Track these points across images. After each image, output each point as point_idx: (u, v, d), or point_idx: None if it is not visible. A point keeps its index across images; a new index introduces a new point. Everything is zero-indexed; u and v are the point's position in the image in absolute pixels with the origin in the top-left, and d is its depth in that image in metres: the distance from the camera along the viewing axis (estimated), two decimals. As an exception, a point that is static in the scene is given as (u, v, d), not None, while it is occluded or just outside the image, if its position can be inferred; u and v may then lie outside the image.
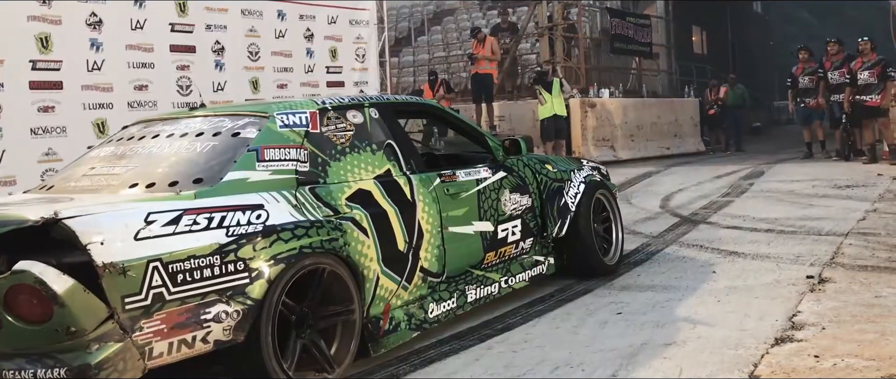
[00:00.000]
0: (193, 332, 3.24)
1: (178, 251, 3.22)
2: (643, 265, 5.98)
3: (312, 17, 10.89)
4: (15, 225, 3.10)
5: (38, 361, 3.00)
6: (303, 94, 10.55)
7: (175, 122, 4.28)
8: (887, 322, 4.16)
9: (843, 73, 12.95)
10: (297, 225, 3.66)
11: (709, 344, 3.98)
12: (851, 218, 7.34)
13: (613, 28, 16.99)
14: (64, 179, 4.11)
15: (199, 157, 3.84)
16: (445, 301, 4.49)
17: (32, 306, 2.96)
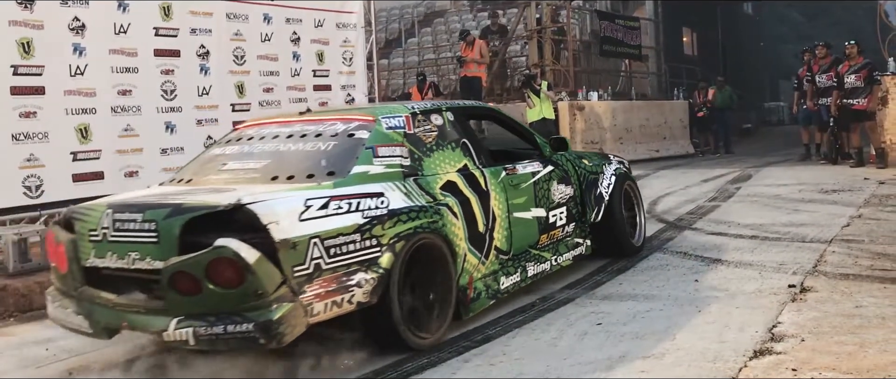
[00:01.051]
0: (342, 295, 3.98)
1: (331, 229, 3.97)
2: (626, 273, 5.97)
3: (299, 21, 10.81)
4: (207, 210, 3.85)
5: (226, 318, 3.72)
6: (289, 98, 10.49)
7: (289, 125, 5.03)
8: (867, 333, 4.15)
9: (830, 76, 12.97)
10: (410, 209, 4.44)
11: (687, 356, 3.96)
12: (836, 224, 7.34)
13: (603, 30, 16.98)
14: (197, 174, 4.81)
15: (327, 154, 4.59)
16: (512, 275, 5.24)
17: (229, 274, 3.69)
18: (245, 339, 3.72)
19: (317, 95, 10.93)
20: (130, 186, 8.46)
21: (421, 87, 13.94)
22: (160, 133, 8.88)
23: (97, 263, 4.12)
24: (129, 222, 4.00)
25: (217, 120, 9.50)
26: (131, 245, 3.97)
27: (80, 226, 4.23)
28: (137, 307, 3.97)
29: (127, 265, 3.99)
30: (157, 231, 3.89)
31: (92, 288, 4.16)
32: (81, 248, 4.18)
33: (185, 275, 3.75)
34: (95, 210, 4.21)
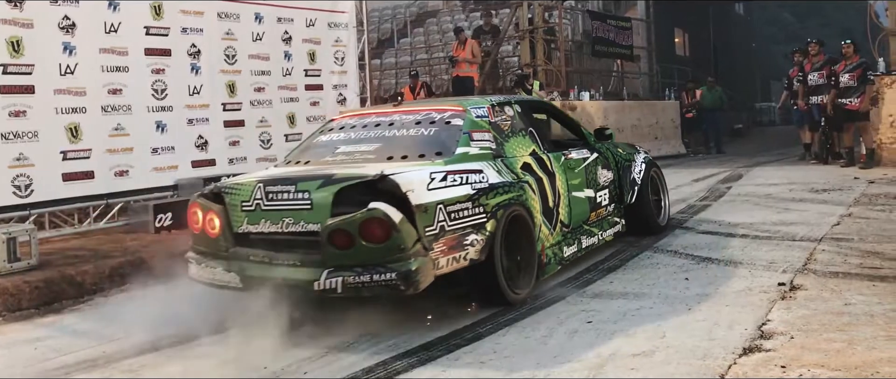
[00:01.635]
0: (460, 252, 4.73)
1: (450, 198, 4.77)
2: (617, 271, 5.98)
3: (290, 20, 10.80)
4: (357, 180, 4.67)
5: (372, 269, 4.45)
6: (280, 98, 10.48)
7: (386, 116, 5.85)
8: (855, 330, 4.16)
9: (822, 74, 12.99)
10: (503, 184, 5.22)
11: (677, 354, 3.97)
12: (826, 223, 7.37)
13: (594, 31, 17.01)
14: (313, 157, 5.60)
15: (431, 138, 5.44)
16: (571, 246, 6.03)
17: (378, 232, 4.44)
18: (387, 286, 4.45)
19: (308, 95, 10.94)
20: (121, 186, 8.47)
21: (413, 87, 13.92)
22: (151, 132, 8.87)
23: (250, 229, 4.91)
24: (282, 193, 4.80)
25: (208, 119, 9.51)
26: (285, 212, 4.76)
27: (231, 198, 5.00)
28: (291, 262, 4.69)
29: (280, 229, 4.79)
30: (311, 199, 4.69)
31: (243, 249, 4.91)
32: (233, 216, 4.96)
33: (342, 232, 4.49)
34: (246, 185, 4.99)
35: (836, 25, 29.20)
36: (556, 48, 16.48)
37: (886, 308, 4.52)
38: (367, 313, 5.07)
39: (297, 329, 4.72)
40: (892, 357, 3.72)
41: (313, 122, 10.94)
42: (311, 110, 10.97)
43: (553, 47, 16.41)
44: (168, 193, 8.91)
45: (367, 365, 4.10)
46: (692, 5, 23.17)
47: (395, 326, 4.74)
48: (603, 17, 17.65)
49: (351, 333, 4.70)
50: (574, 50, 17.70)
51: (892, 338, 4.01)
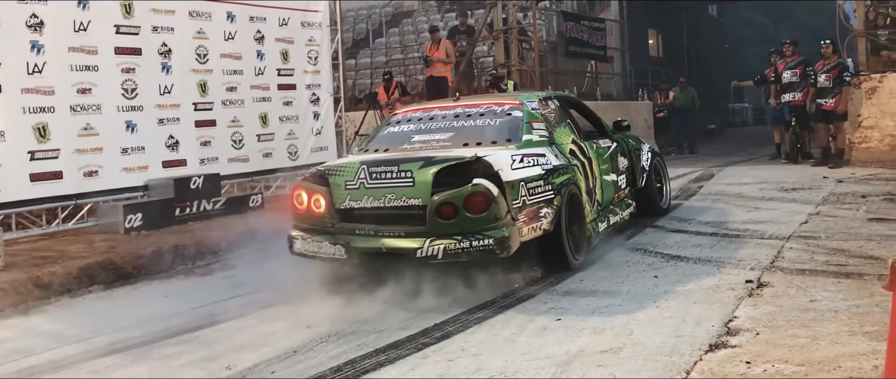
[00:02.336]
0: (536, 223, 5.52)
1: (529, 176, 5.57)
2: (588, 269, 6.00)
3: (263, 19, 10.73)
4: (456, 160, 5.41)
5: (472, 236, 5.16)
6: (253, 97, 10.41)
7: (451, 109, 6.60)
8: (819, 326, 4.21)
9: (796, 73, 13.11)
10: (561, 166, 6.05)
11: (644, 350, 3.99)
12: (794, 221, 7.45)
13: (568, 31, 17.06)
14: (390, 145, 6.25)
15: (499, 127, 6.22)
16: (603, 222, 6.76)
17: (479, 204, 5.17)
18: (485, 251, 5.17)
19: (281, 95, 10.87)
20: (90, 186, 8.37)
21: (387, 87, 13.87)
22: (121, 132, 8.77)
23: (353, 205, 5.52)
24: (386, 173, 5.47)
25: (179, 119, 9.42)
26: (388, 189, 5.41)
27: (336, 179, 5.62)
28: (396, 233, 5.34)
29: (383, 204, 5.42)
30: (413, 177, 5.35)
31: (348, 224, 5.51)
32: (336, 195, 5.56)
33: (449, 204, 5.19)
34: (350, 166, 5.65)
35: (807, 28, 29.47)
36: (530, 49, 16.51)
37: (850, 304, 4.57)
38: (337, 312, 5.08)
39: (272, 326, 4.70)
40: (855, 352, 3.77)
41: (286, 122, 10.90)
42: (284, 110, 10.91)
43: (527, 48, 16.45)
44: (138, 194, 8.82)
45: (336, 364, 4.08)
46: (666, 7, 23.33)
47: (365, 325, 4.74)
48: (576, 17, 17.71)
49: (320, 331, 4.68)
50: (548, 50, 17.74)
51: (855, 333, 4.06)
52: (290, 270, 6.24)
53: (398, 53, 19.46)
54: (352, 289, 5.74)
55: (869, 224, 7.18)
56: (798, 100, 13.05)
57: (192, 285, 6.43)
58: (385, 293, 5.40)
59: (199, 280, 6.64)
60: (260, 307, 5.38)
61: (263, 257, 7.25)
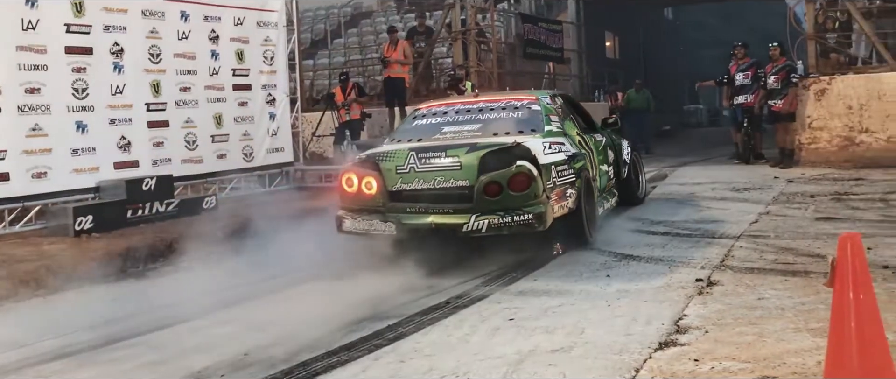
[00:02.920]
0: (563, 202, 6.26)
1: (556, 161, 6.32)
2: (541, 269, 6.04)
3: (218, 19, 10.62)
4: (499, 146, 6.11)
5: (513, 212, 5.87)
6: (207, 98, 10.29)
7: (473, 104, 7.31)
8: (766, 324, 4.29)
9: (747, 75, 13.34)
10: (577, 154, 6.79)
11: (595, 349, 4.03)
12: (745, 221, 7.58)
13: (526, 33, 17.15)
14: (423, 136, 6.84)
15: (521, 119, 6.94)
16: (601, 207, 7.43)
17: (522, 183, 5.87)
18: (524, 224, 5.85)
19: (236, 95, 10.77)
20: (38, 188, 8.19)
21: (344, 87, 13.74)
22: (71, 133, 8.61)
23: (404, 187, 6.14)
24: (434, 158, 6.14)
25: (131, 120, 9.28)
26: (437, 172, 6.07)
27: (387, 164, 6.22)
28: (444, 211, 6.00)
29: (432, 186, 6.06)
30: (460, 161, 6.03)
31: (397, 203, 6.11)
32: (388, 178, 6.16)
33: (495, 183, 5.89)
34: (399, 153, 6.26)
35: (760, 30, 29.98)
36: (488, 50, 16.57)
37: (796, 302, 4.67)
38: (291, 314, 5.04)
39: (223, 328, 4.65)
40: (799, 349, 3.85)
41: (241, 123, 10.80)
42: (239, 111, 10.81)
43: (485, 49, 16.50)
44: (89, 196, 8.66)
45: (287, 367, 4.05)
46: (622, 9, 23.57)
47: (317, 327, 4.71)
48: (534, 19, 17.81)
49: (272, 334, 4.64)
50: (506, 52, 17.82)
51: (800, 330, 4.14)
52: (245, 271, 6.20)
53: (357, 54, 19.39)
54: (307, 290, 5.71)
55: (817, 223, 7.33)
56: (750, 102, 13.29)
57: (143, 288, 6.33)
58: (342, 296, 5.37)
59: (150, 283, 6.53)
60: (212, 310, 5.31)
61: (217, 259, 7.18)
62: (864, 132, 12.18)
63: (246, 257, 7.13)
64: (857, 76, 12.40)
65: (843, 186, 9.73)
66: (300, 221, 8.71)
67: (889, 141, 11.99)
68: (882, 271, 5.26)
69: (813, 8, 13.13)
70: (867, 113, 12.16)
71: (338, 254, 6.96)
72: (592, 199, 6.95)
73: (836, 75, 12.55)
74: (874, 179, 10.26)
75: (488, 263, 6.27)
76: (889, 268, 5.36)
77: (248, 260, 7.01)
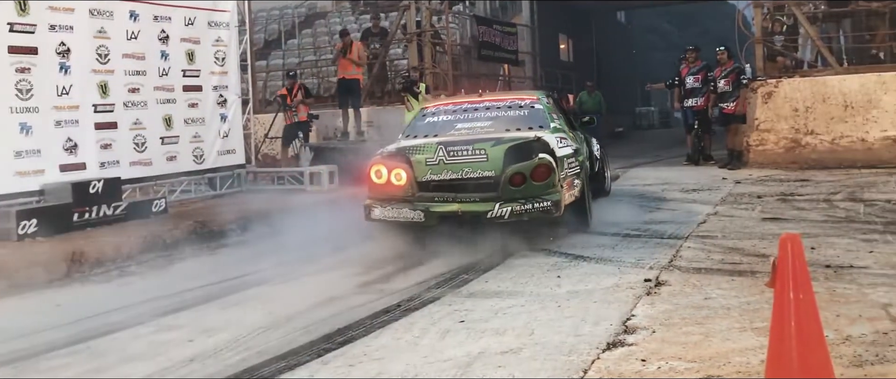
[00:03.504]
0: (571, 191, 6.97)
1: (567, 154, 7.05)
2: (493, 271, 6.06)
3: (168, 19, 10.45)
4: (521, 140, 6.83)
5: (534, 200, 6.50)
6: (156, 99, 10.12)
7: (480, 103, 8.01)
8: (712, 323, 4.35)
9: (698, 78, 13.54)
10: (578, 148, 7.58)
11: (544, 350, 4.05)
12: (693, 221, 7.70)
13: (481, 35, 17.21)
14: (439, 132, 7.43)
15: (529, 116, 7.64)
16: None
17: (543, 173, 6.49)
18: (543, 211, 6.48)
19: (186, 97, 10.61)
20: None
21: (290, 88, 13.46)
22: (14, 135, 8.38)
23: (433, 177, 6.71)
24: (462, 151, 6.73)
25: (78, 121, 9.07)
26: (465, 164, 6.66)
27: (417, 157, 6.80)
28: (471, 199, 6.59)
29: (459, 176, 6.65)
30: (487, 154, 6.66)
31: (426, 193, 6.70)
32: (418, 169, 6.72)
33: (520, 174, 6.51)
34: (428, 146, 6.87)
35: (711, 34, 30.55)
36: (443, 52, 16.58)
37: (742, 301, 4.74)
38: (238, 318, 4.98)
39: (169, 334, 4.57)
40: (744, 348, 3.91)
41: (191, 125, 10.64)
42: (190, 112, 10.64)
43: (440, 51, 16.51)
44: (33, 199, 8.44)
45: (234, 372, 4.00)
46: (576, 13, 23.79)
47: (265, 332, 4.65)
48: (489, 22, 17.89)
49: (220, 338, 4.58)
50: (462, 54, 17.85)
51: (745, 329, 4.21)
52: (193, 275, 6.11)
53: (311, 55, 19.24)
54: (256, 295, 5.65)
55: (763, 223, 7.47)
56: (700, 105, 13.51)
57: (88, 294, 6.18)
58: (292, 300, 5.33)
59: (95, 288, 6.39)
60: (158, 315, 5.22)
61: (165, 263, 7.07)
62: (810, 134, 12.45)
63: (195, 261, 7.05)
64: (803, 79, 12.67)
65: (789, 187, 9.94)
66: (250, 224, 8.65)
67: (833, 143, 12.28)
68: (824, 270, 5.39)
69: (760, 12, 13.39)
70: (812, 115, 12.43)
71: (290, 257, 6.92)
72: (588, 187, 7.73)
73: (783, 78, 12.82)
74: (819, 180, 10.49)
75: (441, 266, 6.29)
76: (831, 267, 5.48)
77: (197, 264, 6.93)
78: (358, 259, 6.79)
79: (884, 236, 6.49)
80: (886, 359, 3.67)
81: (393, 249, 6.99)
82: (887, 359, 3.67)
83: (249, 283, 6.03)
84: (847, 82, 12.28)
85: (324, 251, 7.15)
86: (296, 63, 19.02)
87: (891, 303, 4.52)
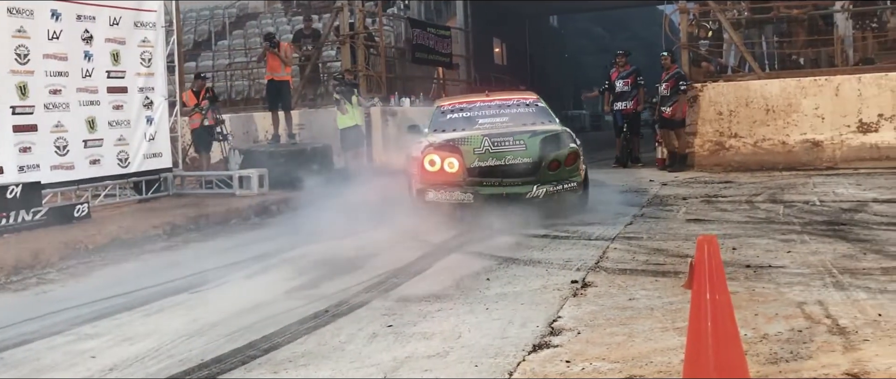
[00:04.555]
0: (582, 173, 8.25)
1: (578, 143, 8.43)
2: (423, 274, 6.07)
3: (92, 18, 10.16)
4: (552, 132, 8.40)
5: (564, 181, 8.04)
6: (79, 101, 9.82)
7: (489, 102, 9.43)
8: (636, 324, 4.44)
9: (627, 82, 13.80)
10: (575, 139, 8.54)
11: (470, 353, 4.06)
12: (620, 223, 7.84)
13: (415, 38, 17.22)
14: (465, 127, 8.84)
15: (537, 113, 9.24)
16: None
17: (573, 160, 8.11)
18: (572, 190, 8.05)
19: (111, 98, 10.34)
20: None
21: (198, 90, 13.02)
22: (-75, 137, 8.05)
23: (479, 164, 8.06)
24: (504, 141, 8.15)
25: (-6, 123, 8.75)
26: (506, 153, 8.07)
27: (466, 147, 8.14)
28: (513, 182, 8.01)
29: (502, 163, 8.04)
30: (525, 143, 8.11)
31: (474, 178, 8.03)
32: (467, 158, 8.05)
33: (556, 160, 8.03)
34: (474, 138, 8.25)
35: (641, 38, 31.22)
36: (376, 54, 16.53)
37: (665, 302, 4.84)
38: (163, 326, 4.87)
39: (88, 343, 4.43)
40: (666, 348, 4.00)
41: (116, 127, 10.37)
42: (115, 114, 10.37)
43: (374, 53, 16.45)
44: (-53, 204, 8.12)
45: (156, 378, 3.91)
46: (509, 17, 23.99)
47: (188, 339, 4.56)
48: (423, 24, 17.91)
49: (143, 347, 4.46)
50: (396, 57, 17.83)
51: (667, 329, 4.30)
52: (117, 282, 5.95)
53: (242, 56, 18.95)
54: (181, 301, 5.53)
55: (687, 225, 7.66)
56: (629, 108, 13.77)
57: (3, 303, 5.94)
58: (219, 306, 5.24)
59: (10, 297, 6.14)
60: (77, 324, 5.06)
61: (87, 270, 6.87)
62: (734, 137, 12.81)
63: (117, 268, 6.87)
64: (727, 84, 13.03)
65: (713, 189, 10.21)
66: (176, 229, 8.47)
67: (756, 145, 12.66)
68: (745, 270, 5.55)
69: (686, 18, 13.72)
70: (736, 119, 12.80)
71: (217, 262, 6.81)
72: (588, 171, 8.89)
73: (708, 83, 13.16)
74: (742, 182, 10.80)
75: (371, 270, 6.25)
76: (751, 267, 5.64)
77: (120, 270, 6.75)
78: (287, 264, 6.71)
79: (801, 237, 6.71)
80: (800, 356, 3.79)
81: (324, 252, 6.93)
82: (801, 356, 3.79)
83: (174, 289, 5.90)
84: (769, 87, 12.68)
85: (252, 256, 7.05)
86: (226, 64, 18.73)
87: (805, 301, 4.67)
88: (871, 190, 9.42)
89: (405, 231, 7.81)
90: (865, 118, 12.15)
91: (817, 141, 12.37)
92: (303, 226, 8.40)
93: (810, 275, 5.33)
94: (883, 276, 5.22)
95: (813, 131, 12.39)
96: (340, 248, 7.30)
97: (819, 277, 5.23)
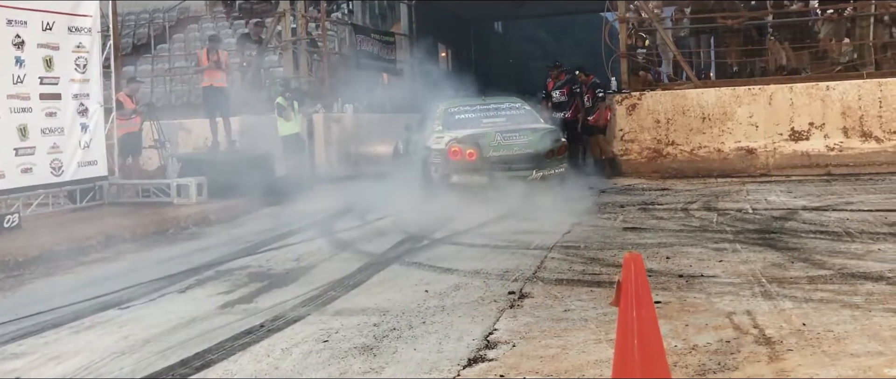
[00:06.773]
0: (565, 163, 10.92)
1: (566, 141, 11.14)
2: (361, 287, 6.03)
3: (23, 23, 9.89)
4: (548, 129, 10.90)
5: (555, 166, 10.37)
6: (10, 108, 9.55)
7: (485, 104, 11.57)
8: (570, 335, 4.49)
9: (563, 92, 14.01)
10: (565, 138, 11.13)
11: (406, 368, 4.06)
12: (559, 231, 7.91)
13: (358, 44, 17.17)
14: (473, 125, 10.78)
15: (526, 114, 11.26)
16: None
17: (563, 150, 10.63)
18: (558, 174, 10.23)
19: (44, 105, 10.09)
20: None
21: (131, 94, 12.78)
22: None
23: (493, 154, 10.05)
24: (513, 136, 10.29)
25: (-82, 132, 8.45)
26: (515, 144, 10.16)
27: (483, 141, 10.13)
28: (519, 168, 9.96)
29: (512, 153, 10.07)
30: (528, 138, 10.22)
31: (489, 165, 9.94)
32: (484, 149, 10.04)
33: (552, 150, 10.18)
34: (489, 134, 10.28)
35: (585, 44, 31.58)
36: (320, 60, 16.42)
37: (599, 313, 4.91)
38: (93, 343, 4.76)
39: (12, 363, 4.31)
40: (598, 360, 4.05)
41: (49, 135, 10.11)
42: (48, 122, 10.11)
43: (317, 59, 16.34)
44: None
45: None
46: (454, 22, 24.09)
47: (119, 357, 4.46)
48: (367, 30, 17.88)
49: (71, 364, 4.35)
50: (340, 62, 17.73)
51: (601, 341, 4.36)
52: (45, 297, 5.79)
53: (183, 60, 18.64)
54: (113, 317, 5.41)
55: (624, 233, 7.78)
56: (568, 117, 13.97)
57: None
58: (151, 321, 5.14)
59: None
60: (3, 342, 4.90)
61: (15, 284, 6.69)
62: (671, 145, 13.08)
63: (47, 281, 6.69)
64: (665, 92, 13.31)
65: (650, 196, 10.40)
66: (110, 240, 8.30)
67: (692, 153, 12.95)
68: (677, 280, 5.66)
69: (625, 28, 13.96)
70: (673, 127, 13.07)
71: (151, 275, 6.68)
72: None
73: (646, 91, 13.41)
74: (678, 189, 11.03)
75: (308, 283, 6.20)
76: (683, 277, 5.76)
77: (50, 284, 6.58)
78: (223, 277, 6.62)
79: (733, 245, 6.87)
80: (727, 367, 3.88)
81: (262, 263, 6.84)
82: (728, 366, 3.88)
83: (106, 304, 5.77)
84: (705, 96, 12.98)
85: (187, 268, 6.94)
86: (166, 69, 18.41)
87: (734, 311, 4.79)
88: (801, 197, 9.70)
89: (346, 242, 7.77)
90: (797, 126, 12.53)
91: (751, 148, 12.70)
92: (241, 236, 8.31)
93: (740, 284, 5.46)
94: (808, 284, 5.37)
95: (747, 139, 12.72)
96: (278, 259, 7.24)
97: (748, 287, 5.37)
